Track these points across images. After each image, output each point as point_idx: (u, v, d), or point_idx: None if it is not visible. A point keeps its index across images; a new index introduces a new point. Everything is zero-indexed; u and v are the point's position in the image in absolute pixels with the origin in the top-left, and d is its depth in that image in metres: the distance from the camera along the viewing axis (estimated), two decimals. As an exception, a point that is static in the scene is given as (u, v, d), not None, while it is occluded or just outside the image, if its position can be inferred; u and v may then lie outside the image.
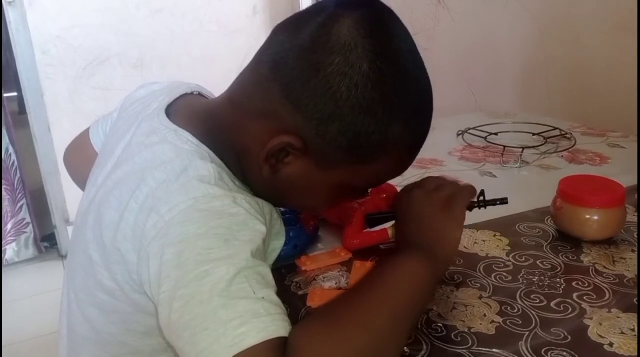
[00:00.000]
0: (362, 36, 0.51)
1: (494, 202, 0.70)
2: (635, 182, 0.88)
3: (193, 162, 0.54)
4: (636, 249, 0.71)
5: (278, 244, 0.61)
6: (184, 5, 2.61)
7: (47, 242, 2.59)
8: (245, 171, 0.58)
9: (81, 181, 0.74)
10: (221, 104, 0.60)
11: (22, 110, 2.51)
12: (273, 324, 0.44)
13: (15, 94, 2.61)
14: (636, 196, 0.83)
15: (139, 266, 0.51)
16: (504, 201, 0.70)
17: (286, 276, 0.69)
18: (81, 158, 0.77)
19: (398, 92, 0.52)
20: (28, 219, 2.44)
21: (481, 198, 0.70)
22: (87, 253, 0.57)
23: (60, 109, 2.54)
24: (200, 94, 0.68)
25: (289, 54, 0.53)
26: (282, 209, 0.77)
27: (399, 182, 0.73)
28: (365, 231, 0.74)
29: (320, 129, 0.52)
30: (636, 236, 0.75)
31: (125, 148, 0.61)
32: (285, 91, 0.52)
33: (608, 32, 1.47)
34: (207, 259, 0.46)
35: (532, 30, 1.69)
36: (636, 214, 0.80)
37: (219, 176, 0.53)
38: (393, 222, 0.72)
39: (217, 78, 0.61)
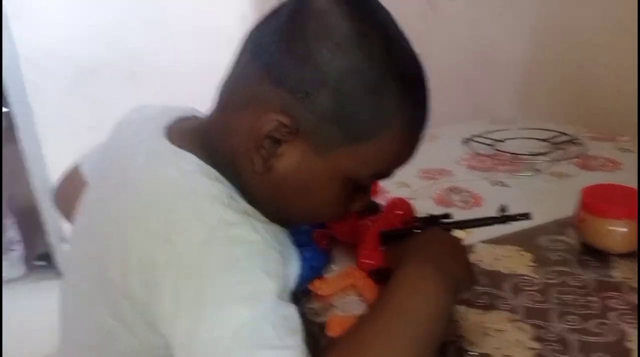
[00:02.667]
0: (340, 3, 0.48)
1: (514, 218, 0.66)
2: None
3: (201, 182, 0.50)
4: (668, 262, 0.68)
5: (293, 270, 0.57)
6: (175, 14, 2.57)
7: (43, 261, 2.53)
8: (242, 180, 0.53)
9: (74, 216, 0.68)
10: (211, 116, 0.56)
11: (9, 125, 2.45)
12: None
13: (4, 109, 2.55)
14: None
15: (148, 302, 0.47)
16: (526, 217, 0.66)
17: (300, 300, 0.64)
18: (73, 194, 0.70)
19: (385, 55, 0.49)
20: (17, 237, 2.38)
21: (502, 213, 0.67)
22: (81, 289, 0.53)
23: (49, 124, 2.49)
24: (195, 117, 0.64)
25: (266, 36, 0.50)
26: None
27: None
28: (381, 249, 0.70)
29: (309, 102, 0.48)
30: (665, 248, 0.71)
31: (124, 173, 0.55)
32: (264, 70, 0.49)
33: (609, 34, 1.44)
34: (228, 297, 0.43)
35: (530, 33, 1.67)
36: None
37: (230, 195, 0.50)
38: (411, 239, 0.69)
39: (212, 87, 0.56)
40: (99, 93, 2.58)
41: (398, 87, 0.49)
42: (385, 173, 0.55)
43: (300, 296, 0.65)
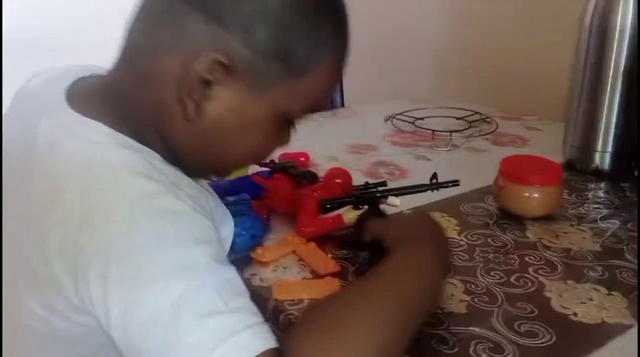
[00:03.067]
0: None
1: (446, 184, 0.71)
2: (561, 162, 0.94)
3: (114, 153, 0.46)
4: (575, 224, 0.76)
5: (228, 231, 0.57)
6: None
7: None
8: (167, 134, 0.50)
9: None
10: (118, 69, 0.52)
11: None
12: (255, 338, 0.40)
13: None
14: (566, 175, 0.88)
15: (77, 289, 0.43)
16: (455, 183, 0.72)
17: (243, 268, 0.66)
18: None
19: None
20: None
21: (433, 181, 0.71)
22: (5, 280, 0.49)
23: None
24: (97, 75, 0.58)
25: None
26: (232, 198, 0.74)
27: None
28: (320, 217, 0.72)
29: (247, 38, 0.46)
30: (571, 212, 0.79)
31: (29, 152, 0.50)
32: (194, 8, 0.46)
33: (516, 19, 1.55)
34: (162, 271, 0.41)
35: (444, 16, 1.75)
36: (566, 190, 0.85)
37: (149, 163, 0.47)
38: (347, 207, 0.72)
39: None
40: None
41: (332, 17, 0.50)
42: (315, 107, 0.55)
43: (242, 264, 0.66)
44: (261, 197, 0.77)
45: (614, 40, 0.86)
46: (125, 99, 0.51)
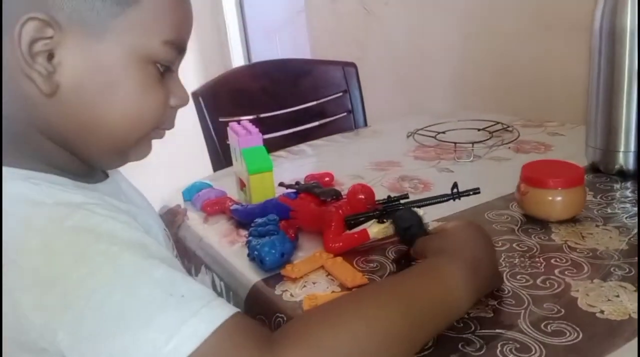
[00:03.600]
0: None
1: (467, 193, 0.73)
2: (585, 164, 0.94)
3: (10, 186, 0.45)
4: (600, 224, 0.76)
5: (149, 222, 0.58)
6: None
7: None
8: (45, 128, 0.48)
9: None
10: None
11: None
12: (202, 321, 0.40)
13: None
14: (589, 176, 0.89)
15: (18, 325, 0.42)
16: (476, 191, 0.73)
17: (275, 285, 0.68)
18: None
19: None
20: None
21: (454, 190, 0.73)
22: None
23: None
24: None
25: None
26: (260, 220, 0.77)
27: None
28: (346, 233, 0.74)
29: None
30: (597, 213, 0.79)
31: None
32: None
33: (530, 31, 1.56)
34: (94, 287, 0.40)
35: (460, 34, 1.77)
36: (591, 192, 0.85)
37: (46, 187, 0.46)
38: (372, 221, 0.74)
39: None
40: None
41: None
42: (178, 40, 0.51)
43: (273, 282, 0.69)
44: (289, 217, 0.79)
45: (625, 42, 0.86)
46: (4, 119, 0.49)
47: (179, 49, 0.52)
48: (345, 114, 1.59)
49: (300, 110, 1.55)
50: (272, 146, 1.04)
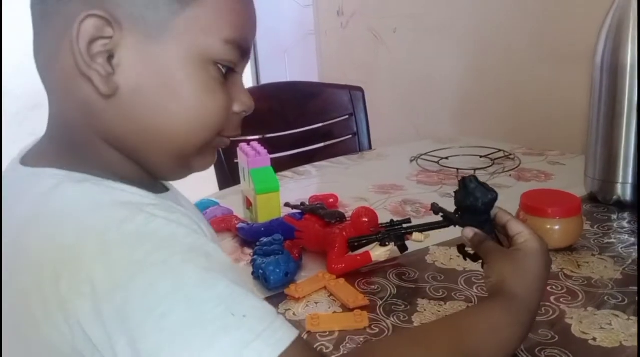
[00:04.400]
0: None
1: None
2: (583, 194, 0.97)
3: (69, 191, 0.43)
4: (596, 253, 0.78)
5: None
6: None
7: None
8: (104, 131, 0.47)
9: None
10: (49, 107, 0.50)
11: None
12: (266, 345, 0.39)
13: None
14: (587, 206, 0.91)
15: (73, 338, 0.40)
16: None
17: (278, 304, 0.70)
18: None
19: None
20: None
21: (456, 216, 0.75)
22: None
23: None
24: None
25: None
26: (265, 239, 0.79)
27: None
28: (349, 254, 0.76)
29: None
30: (593, 242, 0.81)
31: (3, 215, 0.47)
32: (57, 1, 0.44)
33: (533, 61, 1.60)
34: (155, 299, 0.38)
35: (464, 61, 1.81)
36: (589, 222, 0.88)
37: (104, 188, 0.44)
38: (374, 244, 0.76)
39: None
40: (43, 126, 2.55)
41: None
42: (239, 39, 0.48)
43: (276, 300, 0.71)
44: (293, 237, 0.82)
45: (626, 77, 0.89)
46: (60, 126, 0.48)
47: (242, 49, 0.49)
48: (350, 136, 1.61)
49: (306, 131, 1.58)
50: (278, 166, 1.07)
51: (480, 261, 0.60)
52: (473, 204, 0.61)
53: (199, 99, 0.47)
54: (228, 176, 1.39)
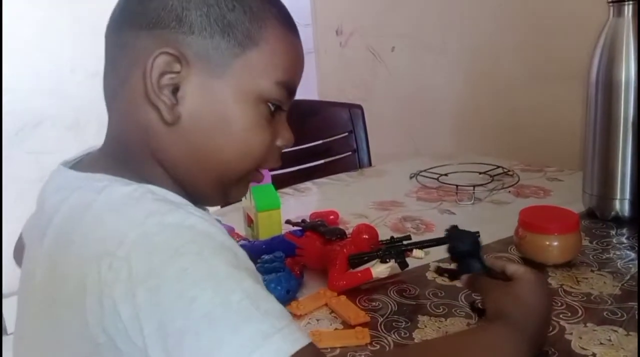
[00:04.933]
0: None
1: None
2: (582, 210, 0.98)
3: (117, 190, 0.48)
4: (595, 269, 0.79)
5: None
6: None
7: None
8: (160, 153, 0.52)
9: None
10: (109, 125, 0.55)
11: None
12: (285, 340, 0.41)
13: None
14: (585, 222, 0.92)
15: (103, 316, 0.43)
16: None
17: (280, 321, 0.70)
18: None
19: None
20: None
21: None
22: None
23: (-9, 177, 2.44)
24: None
25: (117, 9, 0.52)
26: (267, 256, 0.80)
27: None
28: (350, 271, 0.77)
29: (185, 26, 0.49)
30: (592, 258, 0.82)
31: (46, 220, 0.51)
32: (131, 30, 0.50)
33: (530, 78, 1.62)
34: (187, 284, 0.41)
35: (462, 78, 1.83)
36: (587, 238, 0.88)
37: (148, 189, 0.48)
38: (375, 261, 0.77)
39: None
40: (44, 145, 2.56)
41: None
42: (288, 81, 0.54)
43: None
44: (294, 254, 0.82)
45: (621, 94, 0.91)
46: (119, 144, 0.53)
47: (290, 90, 0.55)
48: (350, 153, 1.63)
49: (307, 148, 1.59)
50: (278, 182, 1.08)
51: None
52: (463, 249, 0.66)
53: (249, 133, 0.52)
54: (229, 194, 1.40)
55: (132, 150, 0.52)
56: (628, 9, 0.90)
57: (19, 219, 0.77)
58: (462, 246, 0.66)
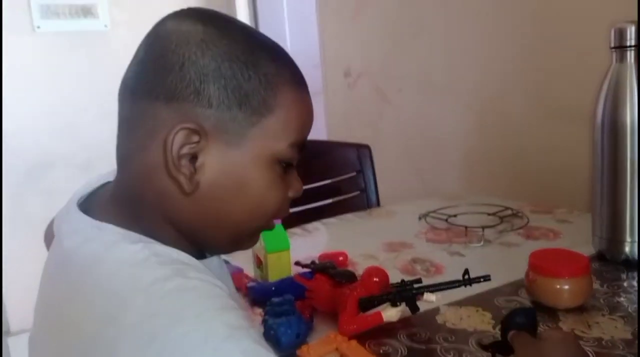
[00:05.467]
0: (184, 16, 0.53)
1: (477, 280, 0.76)
2: (592, 253, 0.97)
3: (126, 250, 0.50)
4: (606, 313, 0.78)
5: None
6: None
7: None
8: (175, 217, 0.53)
9: None
10: (119, 179, 0.57)
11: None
12: None
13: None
14: (595, 265, 0.92)
15: None
16: (486, 278, 0.76)
17: (289, 365, 0.70)
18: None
19: (246, 35, 0.54)
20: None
21: (466, 276, 0.76)
22: None
23: (6, 219, 2.46)
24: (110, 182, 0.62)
25: (136, 73, 0.53)
26: (277, 299, 0.80)
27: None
28: (360, 315, 0.77)
29: (201, 99, 0.50)
30: (603, 302, 0.82)
31: (58, 258, 0.55)
32: (149, 99, 0.51)
33: (537, 119, 1.64)
34: (188, 348, 0.43)
35: (470, 119, 1.85)
36: (598, 281, 0.88)
37: (156, 254, 0.50)
38: (386, 304, 0.77)
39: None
40: (55, 185, 2.58)
41: (268, 55, 0.53)
42: (301, 140, 0.56)
43: (289, 361, 0.71)
44: (304, 297, 0.83)
45: (626, 137, 0.92)
46: (131, 201, 0.55)
47: (301, 147, 0.56)
48: (358, 193, 1.64)
49: (315, 188, 1.61)
50: (286, 222, 1.08)
51: None
52: (520, 323, 0.64)
53: (264, 193, 0.54)
54: (238, 234, 1.40)
55: (144, 209, 0.54)
56: (630, 55, 0.92)
57: (32, 259, 0.78)
58: (520, 320, 0.64)
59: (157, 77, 0.51)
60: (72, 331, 0.48)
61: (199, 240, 0.56)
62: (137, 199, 0.54)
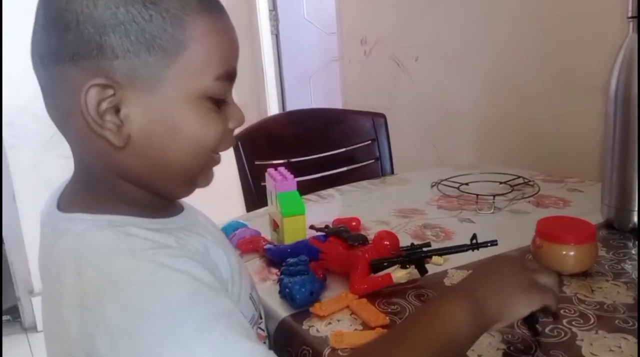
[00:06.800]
0: None
1: (485, 244, 0.79)
2: (599, 221, 0.99)
3: (96, 237, 0.51)
4: (610, 279, 0.81)
5: (219, 256, 0.59)
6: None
7: (9, 315, 2.53)
8: (125, 173, 0.54)
9: None
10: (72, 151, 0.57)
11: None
12: None
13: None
14: (603, 233, 0.94)
15: None
16: (493, 243, 0.79)
17: (302, 321, 0.74)
18: None
19: None
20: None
21: (473, 241, 0.79)
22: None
23: (25, 179, 2.53)
24: None
25: (37, 39, 0.52)
26: (292, 260, 0.83)
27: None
28: (371, 276, 0.80)
29: (107, 51, 0.48)
30: (608, 268, 0.84)
31: (39, 259, 0.57)
32: (62, 59, 0.49)
33: (550, 89, 1.63)
34: (159, 343, 0.45)
35: (484, 89, 1.85)
36: (604, 248, 0.90)
37: (128, 235, 0.51)
38: (395, 266, 0.80)
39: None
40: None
41: None
42: (227, 71, 0.54)
43: (301, 317, 0.75)
44: (318, 258, 0.86)
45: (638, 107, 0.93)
46: (86, 172, 0.56)
47: (230, 78, 0.55)
48: (373, 161, 1.66)
49: (330, 156, 1.63)
50: (302, 189, 1.12)
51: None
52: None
53: (200, 131, 0.53)
54: (255, 199, 1.44)
55: (97, 175, 0.55)
56: (647, 25, 0.92)
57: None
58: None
59: (58, 39, 0.49)
60: (61, 329, 0.50)
61: (154, 189, 0.56)
62: (86, 165, 0.55)
